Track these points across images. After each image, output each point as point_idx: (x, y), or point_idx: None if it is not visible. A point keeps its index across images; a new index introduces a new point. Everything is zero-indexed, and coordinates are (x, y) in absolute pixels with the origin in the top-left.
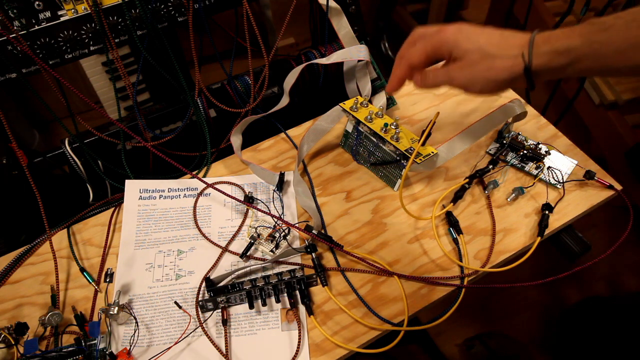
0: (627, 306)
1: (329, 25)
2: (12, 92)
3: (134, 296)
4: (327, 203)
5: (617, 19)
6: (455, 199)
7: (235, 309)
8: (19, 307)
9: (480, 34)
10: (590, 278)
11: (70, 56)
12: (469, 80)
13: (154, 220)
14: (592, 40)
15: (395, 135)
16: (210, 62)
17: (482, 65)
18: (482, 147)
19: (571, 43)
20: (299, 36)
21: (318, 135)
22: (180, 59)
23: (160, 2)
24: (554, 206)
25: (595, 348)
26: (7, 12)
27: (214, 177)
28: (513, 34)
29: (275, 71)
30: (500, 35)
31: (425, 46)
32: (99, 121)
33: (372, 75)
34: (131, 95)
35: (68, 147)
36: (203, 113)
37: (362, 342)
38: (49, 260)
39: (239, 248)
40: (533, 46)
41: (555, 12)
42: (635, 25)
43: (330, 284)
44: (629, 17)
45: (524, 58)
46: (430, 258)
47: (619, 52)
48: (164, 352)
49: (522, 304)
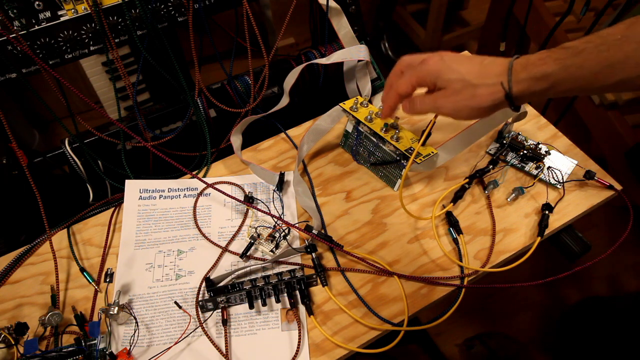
0: (627, 306)
1: (329, 25)
2: (12, 92)
3: (134, 296)
4: (327, 203)
5: (588, 44)
6: (455, 199)
7: (235, 309)
8: (19, 307)
9: (462, 64)
10: (590, 278)
11: (70, 56)
12: (454, 108)
13: (154, 220)
14: (567, 64)
15: (395, 135)
16: (210, 62)
17: (465, 94)
18: (482, 147)
19: (547, 69)
20: (299, 36)
21: (318, 135)
22: (180, 59)
23: (160, 2)
24: (554, 206)
25: (595, 348)
26: (7, 12)
27: (214, 177)
28: (493, 61)
29: (275, 71)
30: (480, 64)
31: (410, 77)
32: (99, 121)
33: (372, 75)
34: (131, 95)
35: (68, 147)
36: (203, 113)
37: (362, 342)
38: (49, 260)
39: (239, 248)
40: (512, 74)
41: (555, 12)
42: (604, 49)
43: (330, 284)
44: (598, 41)
45: (504, 86)
46: (430, 258)
47: (594, 74)
48: (164, 352)
49: (522, 304)
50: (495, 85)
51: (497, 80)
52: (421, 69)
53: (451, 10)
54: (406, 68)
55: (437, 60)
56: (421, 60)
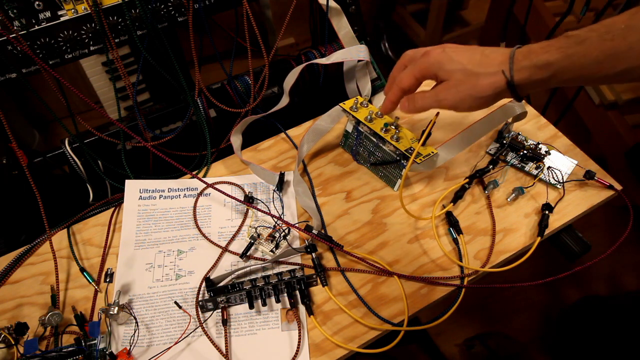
0: (626, 305)
1: (329, 25)
2: (12, 92)
3: (134, 296)
4: (327, 203)
5: (591, 32)
6: (455, 199)
7: (235, 309)
8: (19, 307)
9: (463, 54)
10: (590, 278)
11: (70, 56)
12: (456, 99)
13: (154, 220)
14: (570, 53)
15: (395, 135)
16: (210, 62)
17: (467, 84)
18: (482, 147)
19: (550, 57)
20: (299, 36)
21: (318, 135)
22: (180, 59)
23: (160, 2)
24: (554, 206)
25: (594, 347)
26: (7, 12)
27: (214, 177)
28: (494, 50)
29: (275, 71)
30: (481, 54)
31: (413, 71)
32: (99, 121)
33: (372, 75)
34: (131, 95)
35: (68, 147)
36: (203, 113)
37: (362, 342)
38: (49, 260)
39: (239, 248)
40: (513, 62)
41: (555, 12)
42: (608, 38)
43: (330, 284)
44: (602, 30)
45: (505, 74)
46: (430, 258)
47: (596, 63)
48: (164, 352)
49: (522, 304)
50: (497, 74)
51: (499, 68)
52: (423, 62)
53: (451, 10)
54: (409, 62)
55: (439, 52)
56: (423, 52)
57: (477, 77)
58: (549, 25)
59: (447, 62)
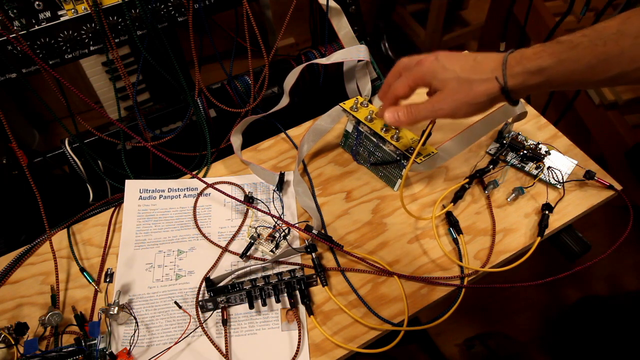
0: (626, 305)
1: (329, 25)
2: (12, 92)
3: (134, 296)
4: (327, 203)
5: (583, 37)
6: (455, 199)
7: (235, 309)
8: (19, 307)
9: (456, 62)
10: (590, 278)
11: (70, 56)
12: (452, 108)
13: (154, 220)
14: (563, 58)
15: (395, 135)
16: (210, 62)
17: (461, 92)
18: (482, 147)
19: (543, 63)
20: (299, 36)
21: (318, 135)
22: (180, 59)
23: (160, 2)
24: (554, 206)
25: (594, 347)
26: (7, 12)
27: (214, 177)
28: (487, 57)
29: (275, 71)
30: (474, 60)
31: (407, 79)
32: (99, 121)
33: (372, 75)
34: (131, 95)
35: (68, 147)
36: (203, 113)
37: (362, 342)
38: (49, 260)
39: (239, 248)
40: (506, 68)
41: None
42: (600, 43)
43: (330, 284)
44: (594, 35)
45: (499, 80)
46: (430, 258)
47: (589, 68)
48: (164, 352)
49: (522, 304)
50: (490, 80)
51: (492, 75)
52: (417, 71)
53: (451, 10)
54: (403, 70)
55: (432, 61)
56: (417, 62)
57: (471, 84)
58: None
59: (440, 71)
